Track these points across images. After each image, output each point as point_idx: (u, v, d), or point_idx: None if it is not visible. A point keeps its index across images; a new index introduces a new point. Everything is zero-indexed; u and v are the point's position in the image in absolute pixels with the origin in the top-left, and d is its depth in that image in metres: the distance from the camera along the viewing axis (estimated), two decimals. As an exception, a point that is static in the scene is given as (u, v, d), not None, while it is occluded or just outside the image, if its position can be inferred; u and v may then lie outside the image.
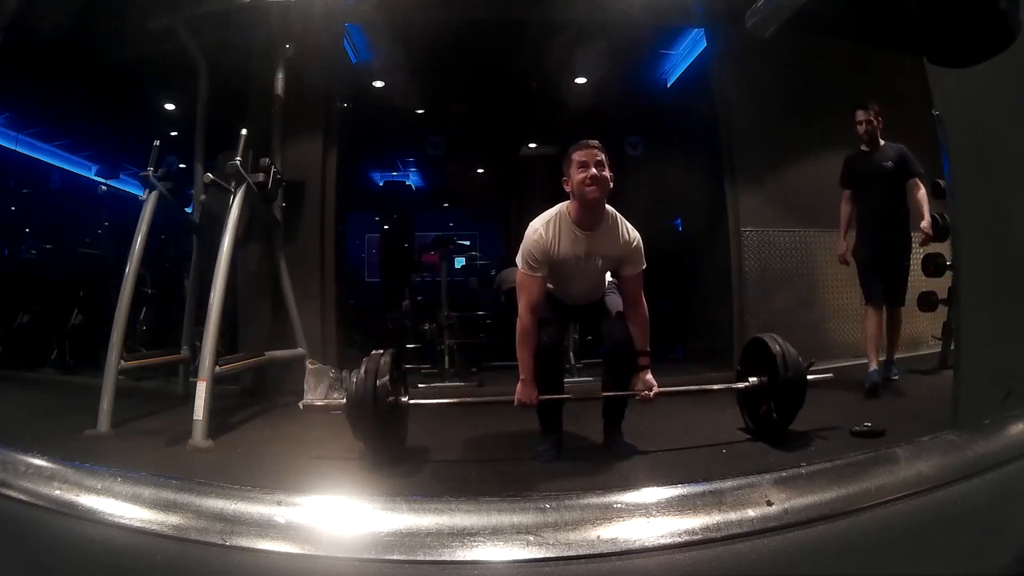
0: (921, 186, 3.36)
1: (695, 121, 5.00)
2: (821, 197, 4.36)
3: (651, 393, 2.34)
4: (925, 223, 3.33)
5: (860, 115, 3.51)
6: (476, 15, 4.49)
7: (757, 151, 4.35)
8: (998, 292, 1.29)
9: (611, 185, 2.23)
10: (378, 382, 2.26)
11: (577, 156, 2.22)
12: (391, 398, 2.29)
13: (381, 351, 2.41)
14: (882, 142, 3.51)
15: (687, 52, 5.34)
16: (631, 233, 2.32)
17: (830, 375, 2.65)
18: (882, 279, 3.44)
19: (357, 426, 2.30)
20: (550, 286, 2.40)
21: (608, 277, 2.52)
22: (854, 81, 4.28)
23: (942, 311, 3.79)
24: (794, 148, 4.36)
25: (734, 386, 2.61)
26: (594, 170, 2.17)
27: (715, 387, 2.78)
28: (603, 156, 2.22)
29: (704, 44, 4.88)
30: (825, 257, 4.37)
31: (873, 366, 3.39)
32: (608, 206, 2.29)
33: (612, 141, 2.54)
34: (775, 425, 2.47)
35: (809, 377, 2.47)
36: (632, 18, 4.31)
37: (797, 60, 4.12)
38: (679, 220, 6.09)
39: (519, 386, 2.33)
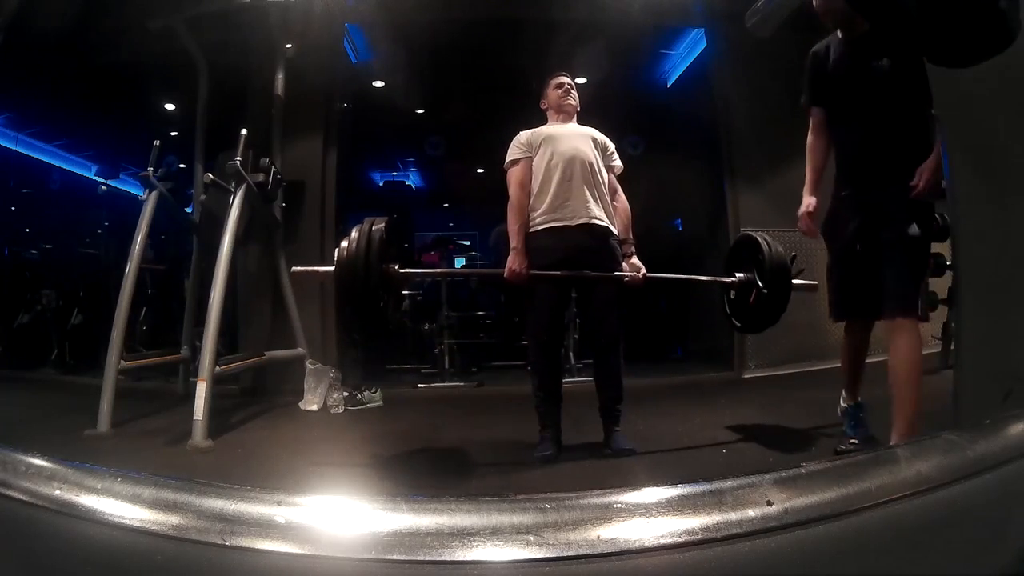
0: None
1: (695, 121, 5.01)
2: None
3: (640, 275, 2.41)
4: (922, 174, 1.91)
5: None
6: (476, 15, 4.50)
7: (757, 151, 4.35)
8: (998, 292, 1.29)
9: (578, 108, 2.61)
10: (370, 251, 2.04)
11: (554, 81, 2.62)
12: (384, 265, 2.09)
13: (375, 217, 2.17)
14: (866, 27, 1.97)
15: (687, 52, 5.35)
16: (602, 136, 2.58)
17: (815, 283, 2.59)
18: (872, 274, 2.03)
19: (346, 295, 2.08)
20: (545, 214, 2.39)
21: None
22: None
23: (942, 311, 3.80)
24: (794, 148, 4.34)
25: (722, 279, 2.59)
26: (568, 87, 2.60)
27: (703, 278, 2.82)
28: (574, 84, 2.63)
29: (704, 44, 4.88)
30: (825, 257, 4.37)
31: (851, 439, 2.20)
32: None
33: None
34: (761, 320, 2.50)
35: (795, 282, 2.45)
36: (632, 18, 4.31)
37: (797, 60, 4.11)
38: (679, 220, 6.10)
39: (511, 256, 2.38)
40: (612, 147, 2.59)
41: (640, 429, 2.55)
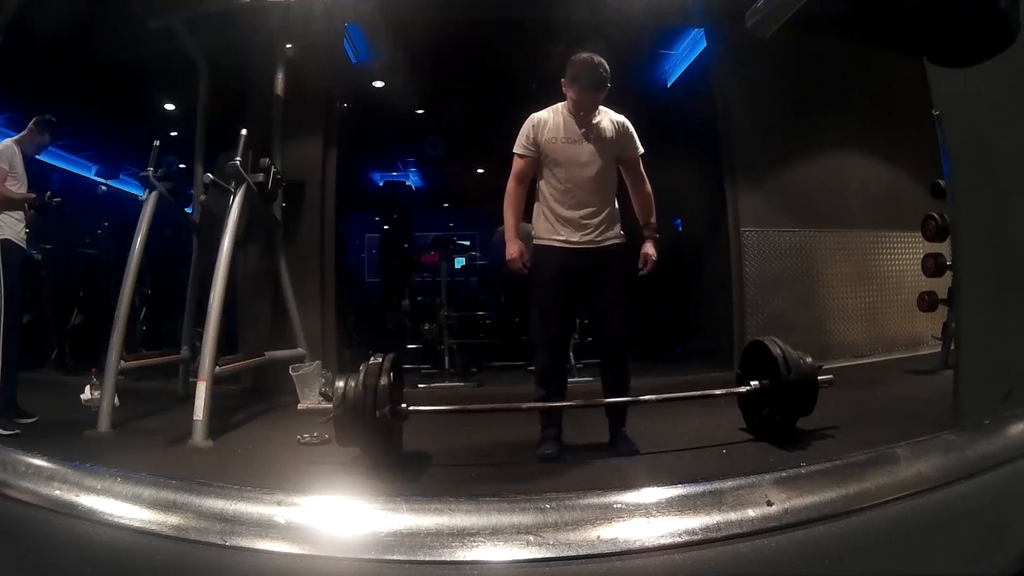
0: None
1: (695, 121, 5.00)
2: (821, 197, 4.36)
3: (647, 267, 2.44)
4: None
5: None
6: (476, 15, 4.49)
7: (757, 151, 4.35)
8: (998, 292, 1.29)
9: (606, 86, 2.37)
10: (376, 395, 2.16)
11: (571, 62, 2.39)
12: (387, 407, 2.20)
13: (379, 359, 2.28)
14: None
15: (687, 52, 5.34)
16: (619, 117, 2.48)
17: (831, 377, 2.61)
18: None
19: (353, 434, 2.21)
20: (552, 216, 2.39)
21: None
22: (854, 81, 4.28)
23: (942, 311, 3.80)
24: (794, 148, 4.35)
25: (735, 390, 2.60)
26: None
27: (718, 392, 2.73)
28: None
29: (704, 44, 4.88)
30: (825, 257, 4.37)
31: None
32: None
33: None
34: (778, 428, 2.47)
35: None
36: (632, 18, 4.31)
37: (797, 60, 4.12)
38: (679, 220, 6.09)
39: (508, 246, 2.37)
40: (629, 130, 2.48)
41: (640, 429, 2.54)
